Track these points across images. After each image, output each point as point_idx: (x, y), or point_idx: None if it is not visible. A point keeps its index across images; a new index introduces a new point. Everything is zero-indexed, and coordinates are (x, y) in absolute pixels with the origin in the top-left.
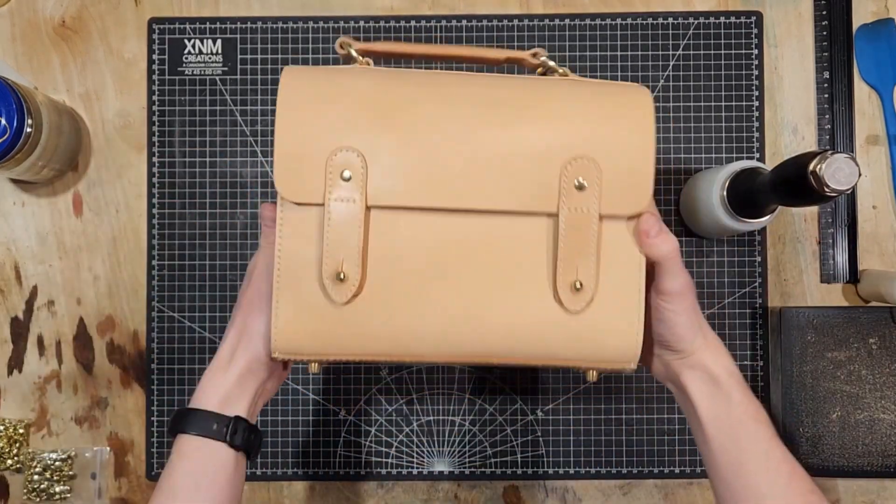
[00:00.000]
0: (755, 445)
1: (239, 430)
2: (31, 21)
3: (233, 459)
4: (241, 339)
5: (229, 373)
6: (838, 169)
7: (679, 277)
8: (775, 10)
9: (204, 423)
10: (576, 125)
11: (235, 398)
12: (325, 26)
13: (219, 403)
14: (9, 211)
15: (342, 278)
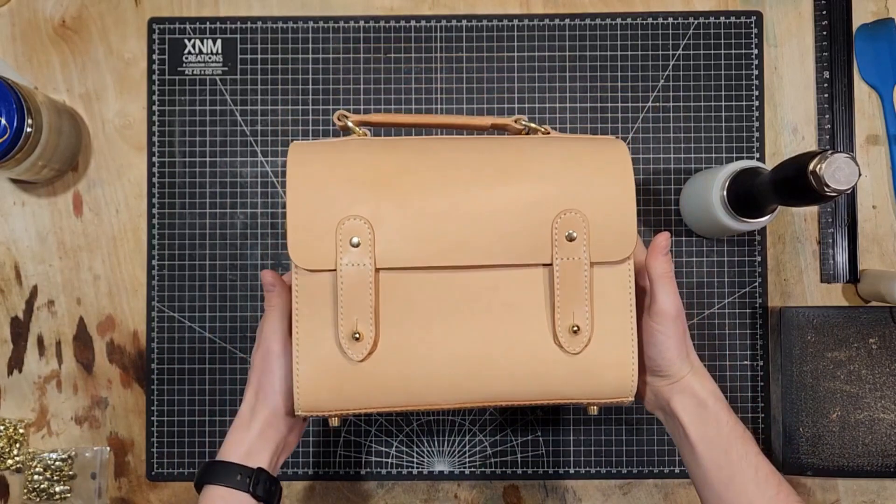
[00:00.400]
0: (745, 461)
1: (261, 480)
2: (31, 21)
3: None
4: (258, 397)
5: (251, 428)
6: (838, 169)
7: (672, 297)
8: (775, 10)
9: (229, 475)
10: (561, 182)
11: (257, 451)
12: (325, 26)
13: (243, 456)
14: (9, 211)
15: (358, 338)
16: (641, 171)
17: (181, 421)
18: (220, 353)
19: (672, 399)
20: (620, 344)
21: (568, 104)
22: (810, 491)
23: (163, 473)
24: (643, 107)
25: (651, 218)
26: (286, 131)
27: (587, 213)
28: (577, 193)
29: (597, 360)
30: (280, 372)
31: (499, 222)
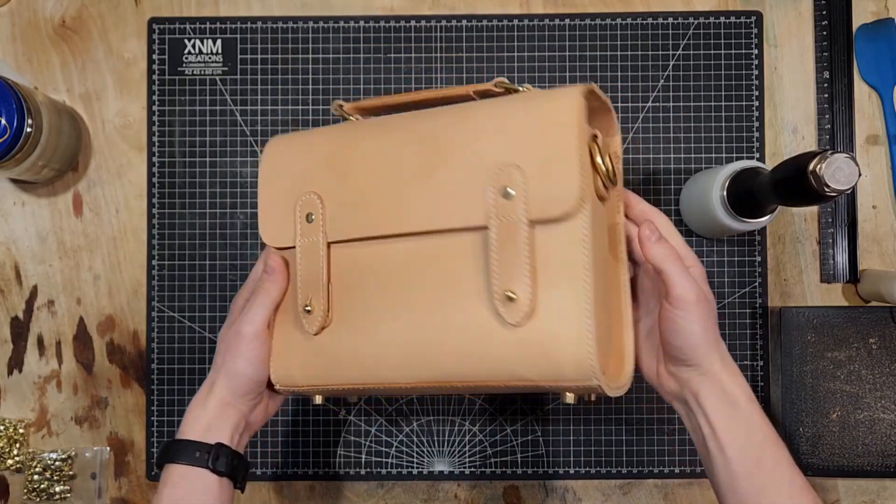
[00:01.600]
0: (779, 472)
1: (221, 455)
2: (31, 21)
3: (216, 485)
4: (218, 374)
5: (207, 406)
6: (838, 169)
7: (684, 284)
8: (775, 10)
9: (187, 452)
10: (501, 137)
11: (216, 427)
12: (325, 26)
13: (201, 432)
14: (9, 211)
15: (309, 310)
16: (641, 171)
17: (181, 421)
18: None
19: (700, 393)
20: (572, 316)
21: None
22: None
23: None
24: (643, 107)
25: None
26: (286, 131)
27: (525, 166)
28: (516, 147)
29: (547, 334)
30: (247, 355)
31: (438, 187)
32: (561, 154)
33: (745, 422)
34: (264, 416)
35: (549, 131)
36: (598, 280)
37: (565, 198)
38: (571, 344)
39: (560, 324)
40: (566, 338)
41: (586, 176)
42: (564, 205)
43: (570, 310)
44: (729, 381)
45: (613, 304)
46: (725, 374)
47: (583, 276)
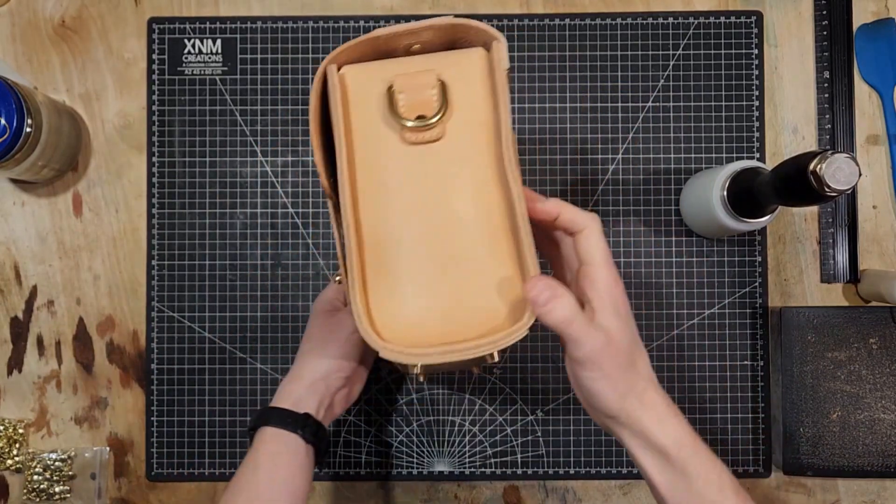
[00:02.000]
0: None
1: (308, 425)
2: (31, 21)
3: (303, 449)
4: (312, 358)
5: (302, 380)
6: (838, 169)
7: (585, 343)
8: (775, 10)
9: (281, 417)
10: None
11: (305, 401)
12: (325, 26)
13: (292, 404)
14: (9, 211)
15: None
16: (641, 171)
17: (181, 421)
18: (220, 353)
19: (626, 443)
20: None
21: (568, 104)
22: (810, 491)
23: (162, 474)
24: (643, 107)
25: (651, 218)
26: (286, 131)
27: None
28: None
29: None
30: (339, 337)
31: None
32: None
33: (680, 474)
34: (346, 402)
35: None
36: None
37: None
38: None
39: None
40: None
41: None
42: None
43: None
44: (655, 428)
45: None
46: (648, 419)
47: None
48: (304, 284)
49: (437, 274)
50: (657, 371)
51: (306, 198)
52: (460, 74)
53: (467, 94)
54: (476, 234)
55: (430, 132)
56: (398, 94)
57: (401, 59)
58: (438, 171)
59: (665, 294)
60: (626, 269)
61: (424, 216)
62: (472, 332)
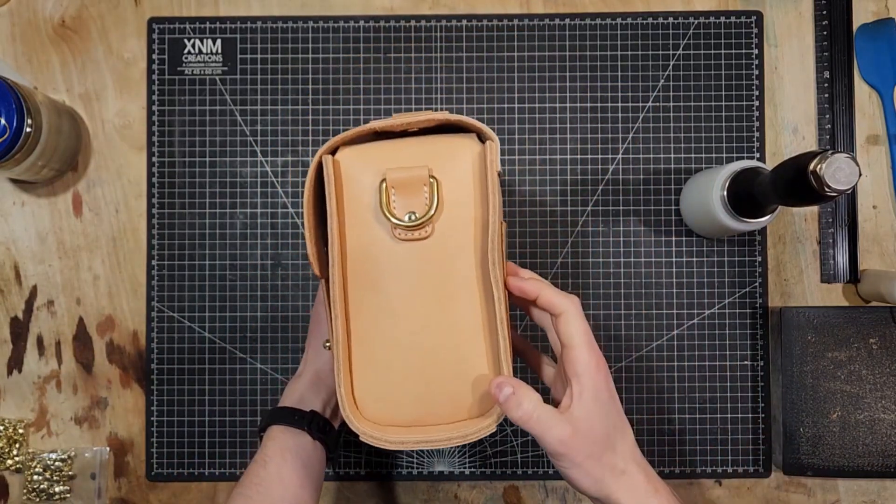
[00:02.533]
0: None
1: (314, 421)
2: (30, 21)
3: (311, 444)
4: (309, 351)
5: (303, 380)
6: (838, 169)
7: (548, 438)
8: (775, 10)
9: (287, 416)
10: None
11: (309, 398)
12: (325, 26)
13: (297, 402)
14: (8, 211)
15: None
16: (641, 171)
17: (181, 421)
18: (220, 353)
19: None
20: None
21: (568, 104)
22: (811, 491)
23: (162, 474)
24: (643, 107)
25: (651, 218)
26: (286, 131)
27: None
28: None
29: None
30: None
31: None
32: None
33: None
34: None
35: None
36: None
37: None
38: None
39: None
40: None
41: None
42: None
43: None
44: (629, 500)
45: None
46: (627, 496)
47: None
48: (304, 284)
49: (417, 364)
50: (658, 371)
51: None
52: (452, 169)
53: (458, 192)
54: (458, 329)
55: (420, 230)
56: (391, 191)
57: (396, 144)
58: (426, 266)
59: (665, 294)
60: (626, 269)
61: (409, 308)
62: (445, 419)
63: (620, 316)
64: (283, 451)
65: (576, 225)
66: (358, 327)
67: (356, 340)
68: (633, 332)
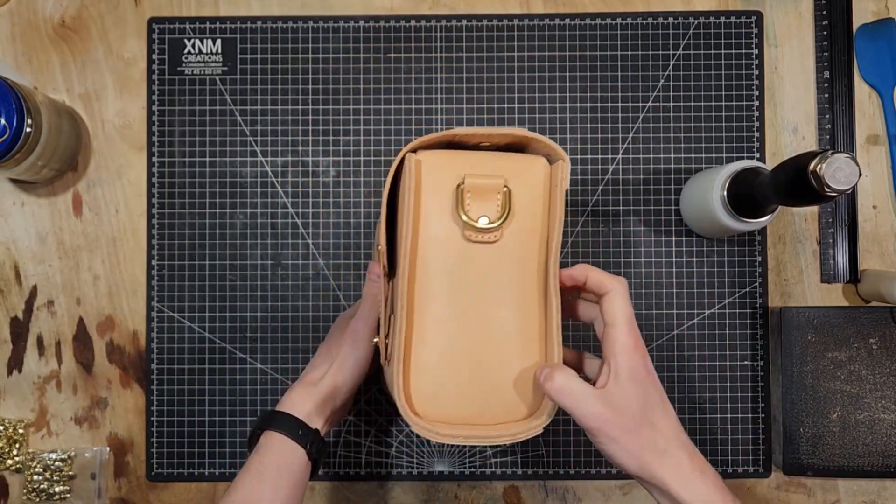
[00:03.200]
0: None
1: (316, 441)
2: (30, 21)
3: (304, 464)
4: (333, 368)
5: (318, 391)
6: (838, 169)
7: (585, 413)
8: (775, 10)
9: (293, 428)
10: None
11: (317, 414)
12: (325, 26)
13: (306, 415)
14: (8, 211)
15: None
16: (641, 171)
17: (181, 421)
18: (220, 353)
19: (656, 496)
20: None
21: (568, 104)
22: (810, 491)
23: (162, 473)
24: (643, 107)
25: (651, 218)
26: (286, 131)
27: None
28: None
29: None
30: (360, 353)
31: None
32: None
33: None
34: (342, 415)
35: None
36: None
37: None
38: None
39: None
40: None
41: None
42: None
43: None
44: (681, 488)
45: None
46: (673, 480)
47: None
48: (304, 284)
49: (472, 363)
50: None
51: (306, 198)
52: (524, 183)
53: (527, 204)
54: (512, 333)
55: (491, 234)
56: (466, 194)
57: (472, 154)
58: (490, 269)
59: (665, 294)
60: (626, 269)
61: (470, 308)
62: (495, 420)
63: None
64: (280, 467)
65: (576, 225)
66: (418, 322)
67: (416, 334)
68: None
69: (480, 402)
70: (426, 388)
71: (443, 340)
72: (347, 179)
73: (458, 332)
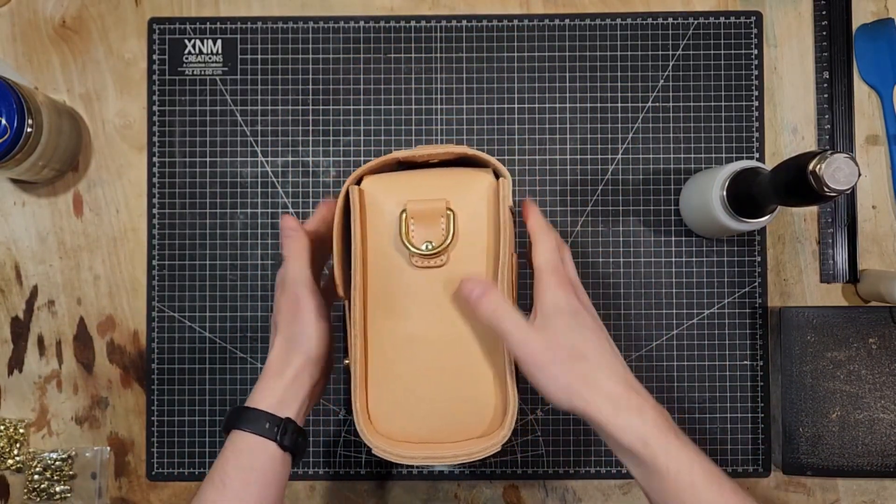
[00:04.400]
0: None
1: (289, 430)
2: (31, 21)
3: (280, 458)
4: (289, 344)
5: (284, 376)
6: (838, 169)
7: (517, 344)
8: (775, 10)
9: (258, 422)
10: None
11: (289, 401)
12: (325, 26)
13: (274, 405)
14: (9, 211)
15: None
16: (641, 171)
17: (181, 421)
18: (220, 353)
19: (602, 438)
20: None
21: (568, 104)
22: (810, 491)
23: (163, 473)
24: (643, 107)
25: (651, 218)
26: (286, 131)
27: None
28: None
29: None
30: (310, 316)
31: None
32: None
33: (651, 471)
34: (323, 387)
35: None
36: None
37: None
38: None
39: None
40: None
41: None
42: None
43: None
44: (618, 426)
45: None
46: (612, 417)
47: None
48: None
49: (431, 385)
50: (657, 371)
51: (306, 198)
52: (468, 202)
53: (472, 224)
54: (468, 353)
55: (436, 259)
56: (410, 221)
57: (417, 175)
58: (440, 291)
59: (665, 294)
60: (626, 269)
61: (425, 331)
62: (454, 437)
63: (620, 316)
64: (246, 471)
65: (576, 225)
66: (374, 348)
67: (373, 360)
68: (633, 332)
69: (439, 420)
70: (386, 410)
71: (399, 363)
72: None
73: (415, 353)
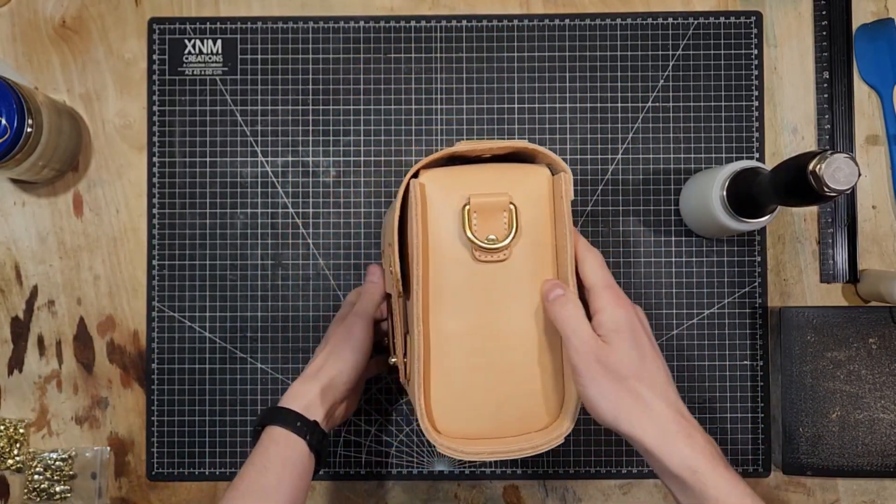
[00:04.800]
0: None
1: (315, 432)
2: (31, 21)
3: (307, 456)
4: (329, 359)
5: (315, 383)
6: (838, 169)
7: (577, 353)
8: (775, 10)
9: (291, 420)
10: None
11: (315, 407)
12: (325, 26)
13: (304, 408)
14: (9, 211)
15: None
16: (641, 171)
17: (181, 421)
18: (220, 353)
19: (650, 464)
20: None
21: (568, 104)
22: (810, 491)
23: (163, 473)
24: (643, 107)
25: (651, 218)
26: (286, 131)
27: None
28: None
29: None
30: (357, 344)
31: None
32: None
33: (699, 499)
34: (344, 415)
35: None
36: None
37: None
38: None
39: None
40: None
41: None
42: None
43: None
44: (666, 453)
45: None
46: (659, 444)
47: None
48: (304, 284)
49: (490, 379)
50: None
51: (306, 198)
52: (528, 197)
53: (534, 219)
54: (528, 346)
55: (499, 253)
56: (473, 215)
57: (475, 169)
58: (502, 286)
59: (665, 294)
60: (626, 269)
61: (484, 325)
62: (516, 432)
63: None
64: (285, 459)
65: (576, 225)
66: (435, 343)
67: (434, 355)
68: None
69: (501, 415)
70: (447, 407)
71: (460, 359)
72: (347, 179)
73: (475, 349)
